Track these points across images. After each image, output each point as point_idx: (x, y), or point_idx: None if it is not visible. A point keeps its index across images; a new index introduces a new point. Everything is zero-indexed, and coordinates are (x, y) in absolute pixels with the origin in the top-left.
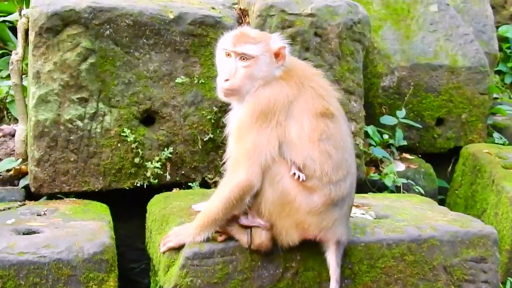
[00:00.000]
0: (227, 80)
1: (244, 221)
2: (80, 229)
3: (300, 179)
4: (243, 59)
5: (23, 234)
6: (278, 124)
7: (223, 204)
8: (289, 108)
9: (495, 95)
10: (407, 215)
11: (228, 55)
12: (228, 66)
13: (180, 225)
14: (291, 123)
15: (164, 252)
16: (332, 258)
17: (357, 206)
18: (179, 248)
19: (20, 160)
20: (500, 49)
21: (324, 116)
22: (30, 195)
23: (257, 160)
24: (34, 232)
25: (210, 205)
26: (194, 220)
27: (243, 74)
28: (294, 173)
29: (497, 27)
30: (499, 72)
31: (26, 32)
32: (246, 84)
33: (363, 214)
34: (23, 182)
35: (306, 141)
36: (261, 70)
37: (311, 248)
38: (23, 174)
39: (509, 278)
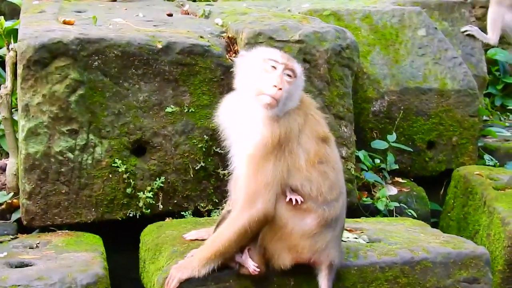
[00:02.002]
0: (280, 89)
1: (237, 258)
2: (73, 261)
3: (299, 202)
4: (289, 75)
5: (16, 267)
6: (290, 153)
7: (238, 235)
8: (299, 136)
9: (485, 118)
10: (399, 238)
11: (274, 68)
12: (276, 76)
13: (172, 253)
14: (300, 151)
15: None
16: (323, 283)
17: (350, 231)
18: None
19: (12, 193)
20: (489, 72)
21: (323, 141)
22: (23, 229)
23: (274, 191)
24: (26, 265)
25: (221, 236)
26: (198, 252)
27: (287, 89)
28: (291, 199)
29: (486, 50)
30: (489, 95)
31: (15, 65)
32: (286, 100)
33: (356, 238)
34: (15, 216)
35: (309, 165)
36: (296, 92)
37: (305, 273)
38: (15, 207)
39: None
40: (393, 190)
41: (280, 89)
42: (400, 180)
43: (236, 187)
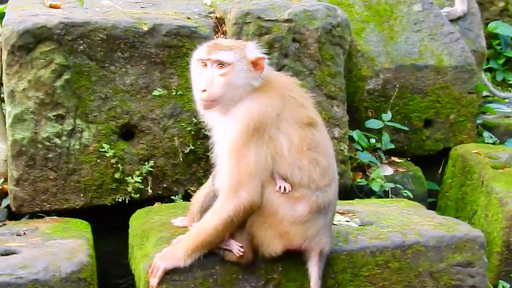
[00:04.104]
0: (204, 90)
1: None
2: (59, 248)
3: (287, 190)
4: (220, 66)
5: (2, 255)
6: (270, 139)
7: (224, 225)
8: (277, 122)
9: (485, 93)
10: (392, 220)
11: (204, 65)
12: (205, 76)
13: (159, 239)
14: (280, 136)
15: (158, 284)
16: (314, 270)
17: (342, 213)
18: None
19: (2, 179)
20: (490, 46)
21: (309, 125)
22: (13, 215)
23: (258, 179)
24: (12, 253)
25: (206, 225)
26: (182, 241)
27: (222, 83)
28: (280, 187)
29: (487, 24)
30: (490, 70)
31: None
32: (226, 93)
33: (348, 221)
34: (5, 202)
35: (295, 152)
36: (239, 77)
37: (293, 259)
38: (6, 193)
39: (501, 281)
40: (389, 170)
41: (205, 90)
42: (396, 159)
43: (219, 178)
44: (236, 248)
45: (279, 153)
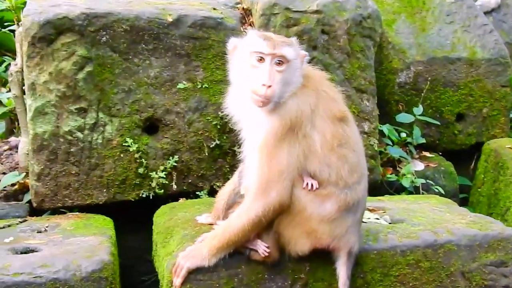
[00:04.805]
0: (269, 86)
1: (247, 242)
2: (79, 246)
3: (314, 188)
4: (279, 63)
5: (21, 253)
6: (304, 137)
7: (252, 225)
8: (312, 118)
9: None
10: (423, 218)
11: (261, 59)
12: (265, 71)
13: (183, 237)
14: (314, 133)
15: (181, 284)
16: (342, 270)
17: (372, 210)
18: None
19: (24, 174)
20: None
21: (340, 121)
22: (34, 210)
23: (289, 179)
24: (32, 251)
25: (232, 225)
26: (207, 240)
27: (280, 80)
28: (307, 184)
29: None
30: None
31: None
32: (281, 90)
33: (378, 219)
34: (27, 197)
35: (327, 149)
36: (294, 76)
37: (320, 258)
38: (28, 188)
39: None
40: (420, 166)
41: (270, 86)
42: (427, 154)
43: (247, 175)
44: (262, 248)
45: (312, 150)
